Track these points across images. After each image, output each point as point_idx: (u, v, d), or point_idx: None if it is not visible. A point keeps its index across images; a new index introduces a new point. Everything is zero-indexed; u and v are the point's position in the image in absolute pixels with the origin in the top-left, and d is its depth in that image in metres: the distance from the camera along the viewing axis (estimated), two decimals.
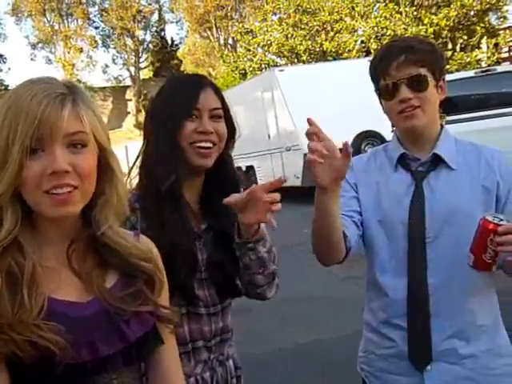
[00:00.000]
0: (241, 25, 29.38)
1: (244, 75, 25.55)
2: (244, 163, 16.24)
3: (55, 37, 38.57)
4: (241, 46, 29.18)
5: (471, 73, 9.55)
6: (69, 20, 38.87)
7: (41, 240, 1.18)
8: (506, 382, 1.84)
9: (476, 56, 22.76)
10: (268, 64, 24.23)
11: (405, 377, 1.83)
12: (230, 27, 34.85)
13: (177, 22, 42.49)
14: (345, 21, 23.83)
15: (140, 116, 33.79)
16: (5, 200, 1.11)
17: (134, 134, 31.65)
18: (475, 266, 1.65)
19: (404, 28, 21.85)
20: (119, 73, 41.02)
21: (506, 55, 23.67)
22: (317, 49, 23.98)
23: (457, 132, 1.96)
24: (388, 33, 21.65)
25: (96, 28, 39.56)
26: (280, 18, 25.64)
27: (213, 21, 36.57)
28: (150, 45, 39.03)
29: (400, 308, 1.81)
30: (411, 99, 1.76)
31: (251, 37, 26.36)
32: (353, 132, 12.30)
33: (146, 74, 39.55)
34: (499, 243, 1.57)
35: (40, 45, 39.50)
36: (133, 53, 38.74)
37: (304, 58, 24.00)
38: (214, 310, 1.70)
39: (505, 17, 24.35)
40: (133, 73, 38.95)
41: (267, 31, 25.39)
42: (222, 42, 37.66)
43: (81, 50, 38.66)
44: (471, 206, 1.78)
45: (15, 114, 1.09)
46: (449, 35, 22.75)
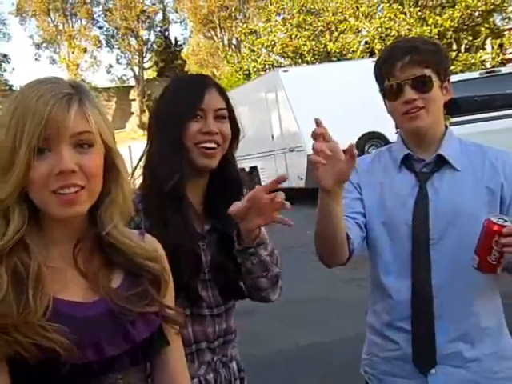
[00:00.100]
0: (245, 25, 29.38)
1: (248, 76, 25.56)
2: (247, 164, 16.24)
3: (59, 37, 38.67)
4: (245, 47, 29.19)
5: (476, 74, 9.53)
6: (73, 20, 39.00)
7: (47, 240, 1.18)
8: None
9: (481, 57, 22.71)
10: (272, 64, 24.23)
11: (409, 380, 1.82)
12: (234, 28, 34.86)
13: (181, 22, 42.63)
14: (349, 21, 23.81)
15: (144, 116, 33.85)
16: (12, 200, 1.12)
17: (138, 135, 31.73)
18: (480, 268, 1.65)
19: (408, 29, 21.80)
20: (123, 73, 41.20)
21: (511, 56, 23.60)
22: (321, 49, 23.97)
23: (461, 134, 1.95)
24: (392, 33, 21.61)
25: (100, 28, 39.71)
26: (284, 19, 25.65)
27: (217, 21, 36.61)
28: (154, 45, 39.13)
29: (404, 310, 1.80)
30: (416, 100, 1.76)
31: (255, 37, 26.37)
32: (356, 133, 12.29)
33: (150, 74, 39.61)
34: (504, 244, 1.57)
35: (44, 45, 39.66)
36: (137, 53, 38.81)
37: (308, 59, 23.99)
38: (218, 312, 1.70)
39: (509, 17, 24.29)
40: (137, 73, 39.02)
41: (271, 32, 25.40)
42: (226, 43, 37.69)
43: (85, 50, 38.74)
44: (475, 208, 1.78)
45: (22, 114, 1.10)
46: (453, 36, 22.70)
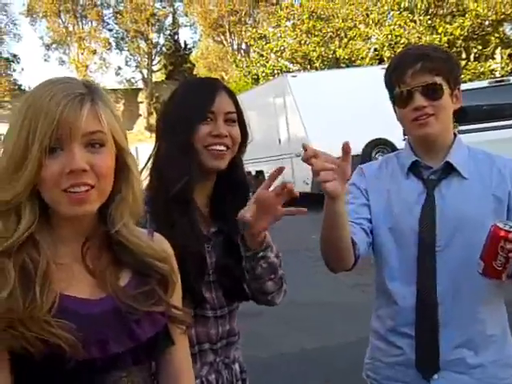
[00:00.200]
0: (254, 30, 29.44)
1: (256, 80, 25.59)
2: (254, 168, 16.24)
3: (69, 38, 38.81)
4: (254, 51, 29.23)
5: (485, 83, 9.52)
6: (83, 22, 39.14)
7: (56, 237, 1.19)
8: None
9: (490, 66, 22.69)
10: (281, 70, 24.26)
11: None
12: (244, 32, 34.89)
13: (190, 26, 42.68)
14: (359, 28, 23.83)
15: (151, 118, 33.94)
16: (23, 197, 1.13)
17: (145, 136, 31.79)
18: (485, 274, 1.64)
19: (418, 37, 21.81)
20: (132, 75, 41.25)
21: None
22: (330, 55, 23.98)
23: (469, 142, 1.95)
24: (402, 41, 21.63)
25: (110, 30, 39.81)
26: (294, 24, 25.67)
27: (226, 25, 36.67)
28: (164, 48, 39.21)
29: (409, 316, 1.81)
30: (426, 107, 1.76)
31: (264, 42, 26.41)
32: (364, 139, 12.30)
33: (159, 77, 39.70)
34: (510, 250, 1.57)
35: (54, 46, 39.80)
36: (146, 55, 38.90)
37: (317, 65, 24.01)
38: (221, 313, 1.70)
39: None
40: (145, 75, 39.12)
41: (281, 37, 25.45)
42: (236, 47, 37.76)
43: (94, 52, 38.87)
44: (482, 216, 1.77)
45: (35, 114, 1.11)
46: (463, 45, 22.70)
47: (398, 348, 1.84)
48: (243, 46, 36.93)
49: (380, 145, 12.58)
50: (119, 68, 41.59)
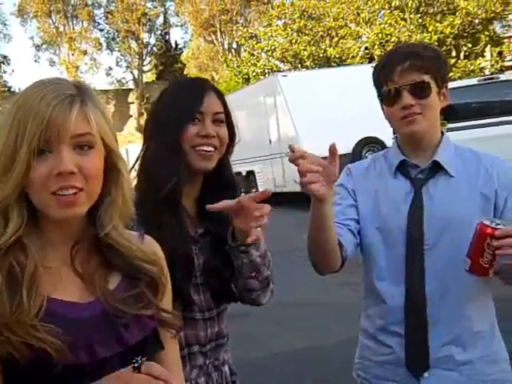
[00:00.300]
0: (245, 29, 29.47)
1: (247, 80, 25.60)
2: (244, 168, 16.25)
3: (60, 38, 38.69)
4: (245, 51, 29.24)
5: (474, 80, 9.56)
6: (74, 22, 39.03)
7: (45, 240, 1.18)
8: None
9: (479, 64, 22.81)
10: (271, 69, 24.28)
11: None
12: (235, 32, 34.93)
13: (181, 26, 42.66)
14: (349, 27, 23.88)
15: (142, 119, 33.84)
16: (12, 200, 1.12)
17: (136, 137, 31.72)
18: (472, 271, 1.65)
19: (408, 35, 21.87)
20: (122, 76, 41.20)
21: (510, 63, 23.68)
22: (321, 54, 24.02)
23: (458, 139, 1.95)
24: (392, 39, 21.68)
25: (101, 30, 39.72)
26: (285, 24, 25.70)
27: (217, 25, 36.66)
28: (154, 48, 39.14)
29: (398, 315, 1.81)
30: (413, 106, 1.76)
31: (255, 42, 26.44)
32: (354, 138, 12.34)
33: (149, 78, 39.63)
34: (497, 247, 1.57)
35: (44, 46, 39.67)
36: (137, 56, 38.84)
37: (308, 64, 24.04)
38: (210, 315, 1.69)
39: (509, 25, 24.44)
40: (136, 76, 39.05)
41: (271, 36, 25.47)
42: (226, 47, 37.75)
43: (85, 53, 38.77)
44: (469, 214, 1.78)
45: (24, 115, 1.10)
46: (453, 43, 22.78)
47: (388, 347, 1.85)
48: (234, 46, 36.95)
49: (370, 143, 12.61)
50: (110, 68, 41.54)
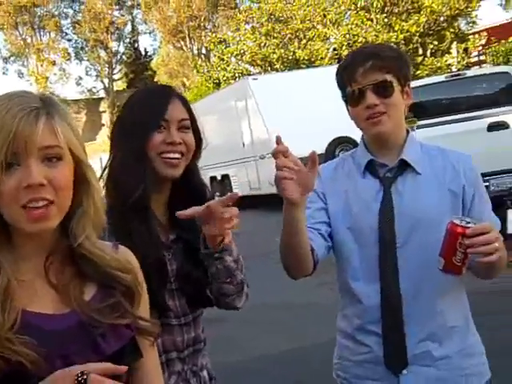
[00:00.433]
0: (214, 35, 29.45)
1: (218, 85, 25.57)
2: (219, 172, 16.25)
3: (27, 50, 38.25)
4: (214, 56, 29.23)
5: (442, 77, 9.67)
6: (41, 33, 38.63)
7: (17, 254, 1.17)
8: (475, 381, 1.86)
9: (446, 61, 23.10)
10: (242, 73, 24.29)
11: (381, 381, 1.83)
12: (204, 37, 34.89)
13: (150, 33, 42.50)
14: (317, 29, 24.01)
15: None
16: None
17: (109, 147, 31.40)
18: (445, 270, 1.66)
19: (375, 35, 22.08)
20: (93, 85, 40.72)
21: (476, 59, 24.04)
22: (290, 57, 24.09)
23: (428, 136, 1.98)
24: (360, 40, 21.84)
25: (69, 40, 39.44)
26: (253, 27, 25.75)
27: (186, 31, 36.56)
28: (124, 56, 38.92)
29: (374, 314, 1.82)
30: (377, 105, 1.78)
31: (224, 46, 26.43)
32: (327, 138, 12.40)
33: (120, 86, 39.35)
34: (468, 245, 1.59)
35: (12, 58, 39.19)
36: (106, 64, 38.59)
37: (277, 67, 24.09)
38: (185, 321, 1.69)
39: (474, 22, 24.79)
40: (106, 85, 38.77)
41: (240, 40, 25.50)
42: (196, 52, 37.67)
43: (54, 63, 38.38)
44: (439, 210, 1.80)
45: None
46: (419, 41, 23.05)
47: (366, 346, 1.85)
48: (203, 51, 36.89)
49: (343, 143, 12.67)
50: (80, 78, 40.98)
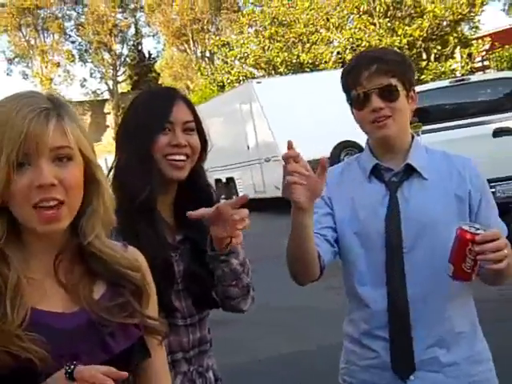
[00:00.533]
0: (217, 38, 29.46)
1: (222, 87, 25.57)
2: (224, 175, 16.25)
3: (31, 51, 38.33)
4: (218, 59, 29.24)
5: (446, 82, 9.66)
6: (45, 35, 38.69)
7: (27, 252, 1.18)
8: None
9: (450, 66, 23.05)
10: (245, 76, 24.29)
11: None
12: (207, 40, 34.88)
13: (153, 36, 42.38)
14: (320, 32, 24.01)
15: None
16: None
17: (114, 148, 31.42)
18: (455, 277, 1.66)
19: (378, 39, 22.06)
20: (97, 86, 40.77)
21: (480, 65, 24.01)
22: (293, 60, 24.08)
23: (432, 141, 1.98)
24: (363, 44, 21.82)
25: (73, 42, 39.43)
26: (256, 31, 25.76)
27: (189, 34, 36.59)
28: (128, 58, 38.95)
29: (381, 319, 1.81)
30: (383, 109, 1.78)
31: (228, 49, 26.43)
32: (331, 142, 12.38)
33: (124, 88, 39.37)
34: (478, 252, 1.58)
35: (16, 60, 39.26)
36: (110, 67, 38.59)
37: (281, 70, 24.09)
38: (191, 321, 1.70)
39: (477, 27, 24.75)
40: (111, 86, 38.79)
41: (244, 44, 25.48)
42: (200, 55, 37.68)
43: (58, 65, 38.41)
44: (445, 215, 1.80)
45: (0, 129, 1.11)
46: (423, 45, 23.01)
47: (373, 351, 1.84)
48: (207, 54, 36.90)
49: (348, 147, 12.65)
50: (84, 80, 40.90)
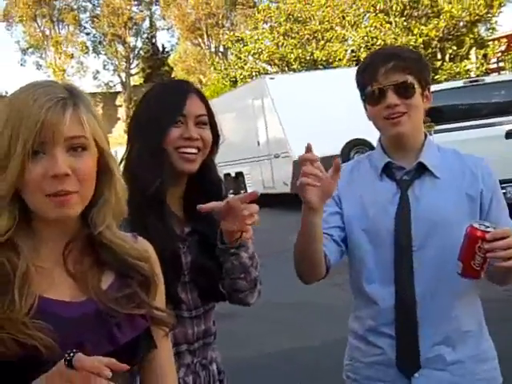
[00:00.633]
0: (232, 33, 29.45)
1: (235, 83, 25.59)
2: (233, 170, 16.26)
3: (46, 42, 38.53)
4: (232, 54, 29.24)
5: (460, 83, 9.63)
6: (60, 26, 38.90)
7: (37, 240, 1.19)
8: None
9: (465, 66, 22.93)
10: (259, 72, 24.27)
11: None
12: (221, 35, 34.90)
13: (168, 29, 42.59)
14: (335, 30, 23.95)
15: None
16: (5, 201, 1.13)
17: (125, 140, 31.56)
18: (464, 274, 1.65)
19: (394, 38, 21.97)
20: (110, 79, 41.03)
21: (495, 66, 23.86)
22: (307, 57, 24.05)
23: (445, 141, 1.98)
24: (378, 42, 21.74)
25: (87, 34, 39.63)
26: (271, 27, 25.71)
27: (204, 28, 36.66)
28: (141, 51, 39.08)
29: (388, 316, 1.81)
30: (398, 105, 1.78)
31: (242, 45, 26.42)
32: (342, 140, 12.37)
33: (137, 81, 39.54)
34: (488, 250, 1.58)
35: (30, 50, 39.47)
36: (124, 59, 38.75)
37: (295, 67, 24.05)
38: (197, 313, 1.70)
39: (493, 28, 24.58)
40: (123, 79, 38.94)
41: (258, 39, 25.45)
42: (213, 50, 37.73)
43: (71, 56, 38.62)
44: (456, 214, 1.80)
45: (18, 117, 1.11)
46: (438, 45, 22.90)
47: (379, 348, 1.85)
48: (221, 49, 36.94)
49: (358, 145, 12.63)
50: (97, 72, 41.17)
